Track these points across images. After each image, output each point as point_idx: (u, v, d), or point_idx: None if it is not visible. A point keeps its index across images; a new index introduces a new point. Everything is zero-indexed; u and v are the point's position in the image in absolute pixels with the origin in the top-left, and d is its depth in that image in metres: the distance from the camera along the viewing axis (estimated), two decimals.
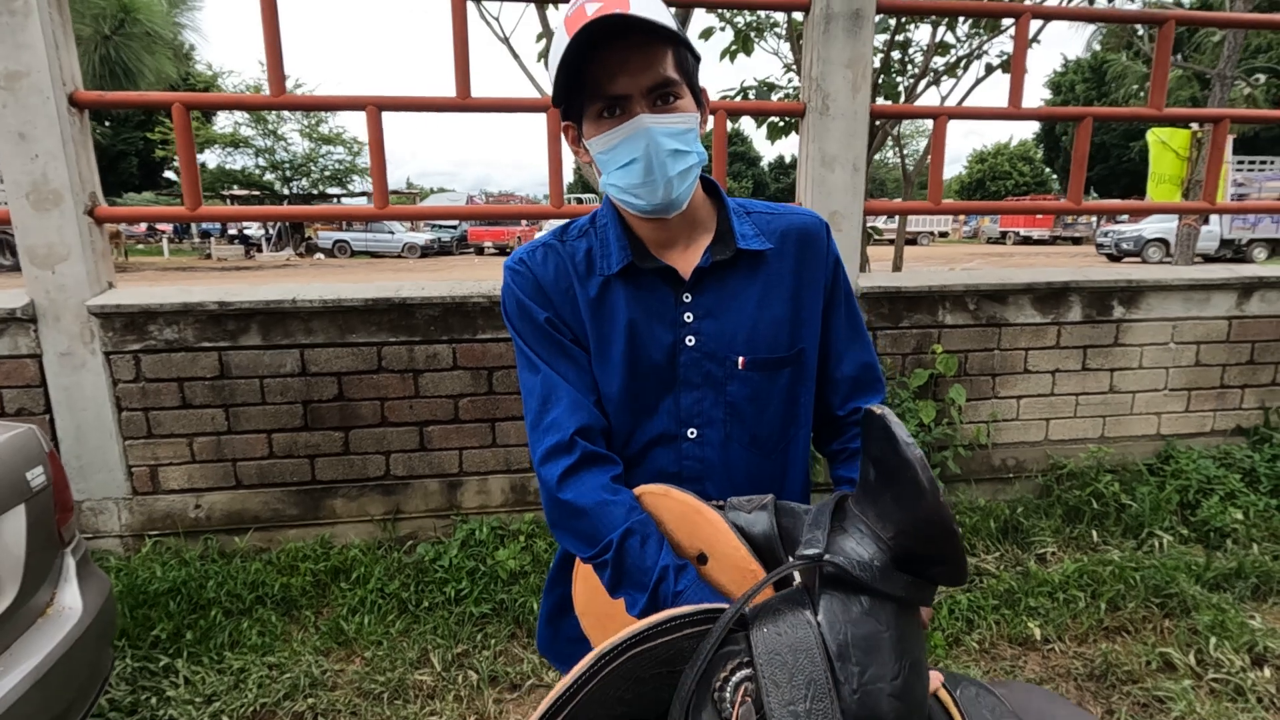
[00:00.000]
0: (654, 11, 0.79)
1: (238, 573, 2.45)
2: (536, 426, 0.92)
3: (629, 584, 0.82)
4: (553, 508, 0.90)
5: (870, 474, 0.64)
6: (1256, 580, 2.46)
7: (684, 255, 0.95)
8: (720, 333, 0.94)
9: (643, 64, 0.82)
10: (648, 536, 0.83)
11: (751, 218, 0.98)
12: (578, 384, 0.93)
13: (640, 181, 0.86)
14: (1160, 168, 4.17)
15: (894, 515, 0.60)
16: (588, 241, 0.97)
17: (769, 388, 0.96)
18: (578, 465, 0.88)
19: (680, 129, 0.85)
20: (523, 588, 2.41)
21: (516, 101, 2.63)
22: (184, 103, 2.36)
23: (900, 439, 0.57)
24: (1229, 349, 3.10)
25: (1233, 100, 8.50)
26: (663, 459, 0.96)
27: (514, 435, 2.69)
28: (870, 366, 1.04)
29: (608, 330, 0.94)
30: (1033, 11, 2.83)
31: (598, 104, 0.84)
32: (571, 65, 0.81)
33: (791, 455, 1.01)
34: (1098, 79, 31.04)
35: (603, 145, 0.86)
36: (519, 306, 0.94)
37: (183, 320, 2.44)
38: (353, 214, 5.00)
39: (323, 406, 2.57)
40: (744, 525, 0.78)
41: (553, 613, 1.10)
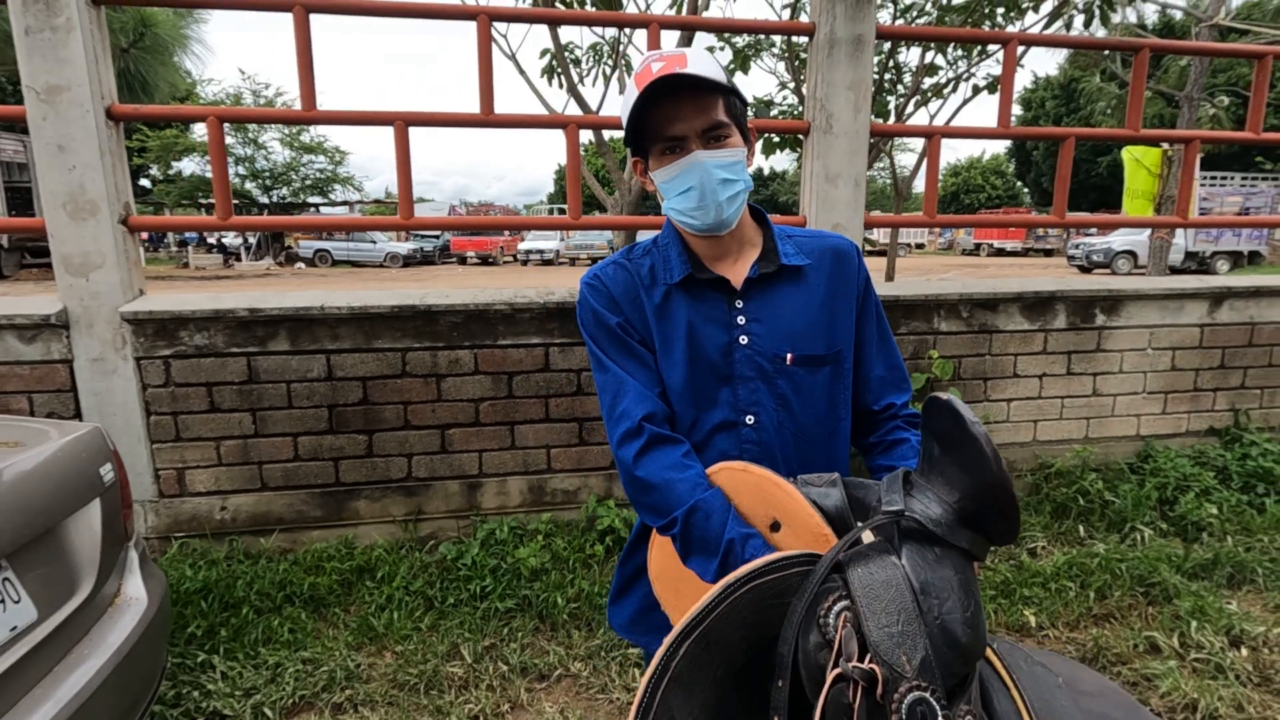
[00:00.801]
0: (707, 68, 0.98)
1: (265, 572, 2.51)
2: (610, 417, 1.07)
3: (698, 552, 0.95)
4: (629, 484, 1.03)
5: (934, 450, 0.75)
6: (1231, 569, 2.64)
7: (734, 268, 1.11)
8: (769, 333, 1.09)
9: (697, 111, 1.00)
10: (712, 511, 0.94)
11: (792, 239, 1.14)
12: (644, 379, 1.08)
13: (696, 205, 1.04)
14: (1135, 184, 4.42)
15: (960, 482, 0.71)
16: (651, 259, 1.14)
17: (812, 382, 1.10)
18: (647, 446, 1.02)
19: (729, 161, 1.03)
20: (544, 584, 2.50)
21: (536, 118, 2.75)
22: (218, 116, 2.45)
23: (967, 418, 0.68)
24: (1202, 354, 3.31)
25: (1199, 121, 8.90)
26: (725, 443, 1.09)
27: (531, 438, 2.79)
28: (897, 367, 1.19)
29: (670, 331, 1.09)
30: (1019, 39, 3.02)
31: (660, 143, 1.03)
32: (640, 114, 1.00)
33: (835, 446, 1.14)
34: (1067, 96, 31.98)
35: (664, 176, 1.05)
36: (594, 315, 1.10)
37: (213, 326, 2.51)
38: (379, 224, 5.05)
39: (347, 410, 2.65)
40: (816, 499, 0.87)
41: (622, 586, 1.22)
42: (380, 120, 2.56)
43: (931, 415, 0.74)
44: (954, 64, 5.15)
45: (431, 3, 2.57)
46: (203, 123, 2.45)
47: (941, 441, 0.73)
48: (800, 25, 2.88)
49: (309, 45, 2.47)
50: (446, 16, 2.63)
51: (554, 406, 2.77)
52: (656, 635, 1.16)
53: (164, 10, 6.88)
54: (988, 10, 4.63)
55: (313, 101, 2.51)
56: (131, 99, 7.41)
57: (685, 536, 0.95)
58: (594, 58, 4.99)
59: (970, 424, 0.68)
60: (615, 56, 4.91)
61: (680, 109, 1.00)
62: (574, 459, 2.83)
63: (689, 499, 0.96)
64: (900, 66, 5.23)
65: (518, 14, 2.84)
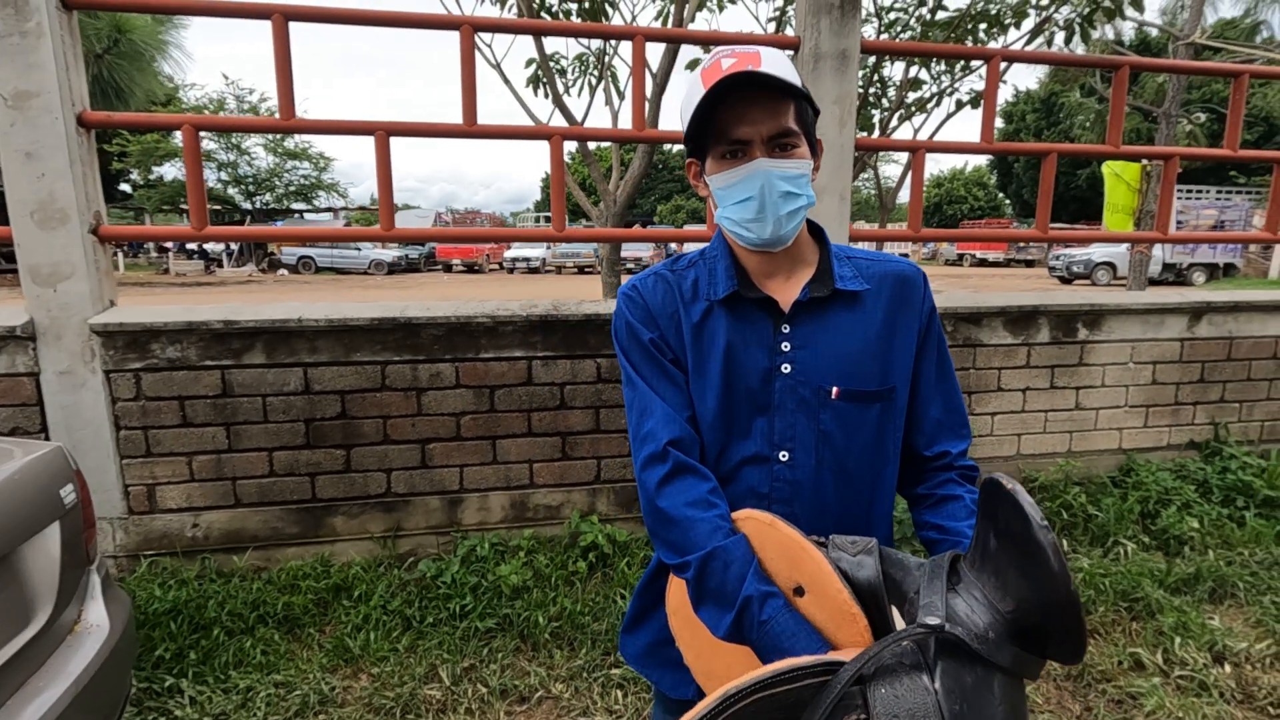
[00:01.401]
0: (781, 69, 0.90)
1: (238, 592, 2.44)
2: (635, 437, 1.00)
3: (712, 602, 0.88)
4: (650, 513, 0.96)
5: (990, 542, 0.66)
6: (1213, 584, 2.64)
7: (784, 288, 1.02)
8: (815, 363, 0.99)
9: (766, 114, 0.92)
10: (731, 561, 0.86)
11: (852, 262, 1.04)
12: (673, 401, 1.00)
13: (753, 217, 0.96)
14: (1115, 198, 4.47)
15: (1018, 589, 0.63)
16: (696, 272, 1.05)
17: (859, 419, 1.00)
18: (671, 475, 0.95)
19: (794, 173, 0.94)
20: (526, 602, 2.46)
21: (520, 129, 2.72)
22: (193, 124, 2.40)
23: (1035, 521, 0.60)
24: (1182, 368, 3.33)
25: (1176, 137, 9.07)
26: (754, 478, 1.01)
27: (514, 453, 2.75)
28: (957, 410, 1.08)
29: (707, 351, 1.00)
30: (1002, 55, 3.04)
31: (722, 146, 0.95)
32: (704, 112, 0.92)
33: (878, 491, 1.05)
34: (1047, 109, 32.52)
35: (722, 182, 0.96)
36: (628, 328, 1.03)
37: (186, 339, 2.45)
38: (358, 235, 4.97)
39: (325, 424, 2.59)
40: (847, 569, 0.78)
41: (637, 615, 1.16)
42: (361, 130, 2.52)
43: (991, 502, 0.65)
44: (938, 79, 5.21)
45: (414, 12, 2.54)
46: (181, 130, 2.41)
47: (1000, 536, 0.65)
48: (785, 39, 2.89)
49: (288, 53, 2.43)
50: (429, 26, 2.60)
51: (537, 420, 2.73)
52: (669, 671, 1.10)
53: (142, 16, 6.78)
54: (971, 27, 4.68)
55: (291, 110, 2.46)
56: (106, 105, 7.30)
57: (700, 584, 0.89)
58: (580, 68, 4.99)
59: (1038, 528, 0.60)
60: (600, 68, 4.90)
61: (748, 110, 0.91)
62: (557, 474, 2.79)
63: (707, 543, 0.89)
64: (885, 81, 5.28)
65: (502, 24, 2.82)
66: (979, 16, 4.65)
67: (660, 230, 3.20)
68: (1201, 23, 8.87)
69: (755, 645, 0.83)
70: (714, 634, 0.87)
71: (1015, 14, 4.61)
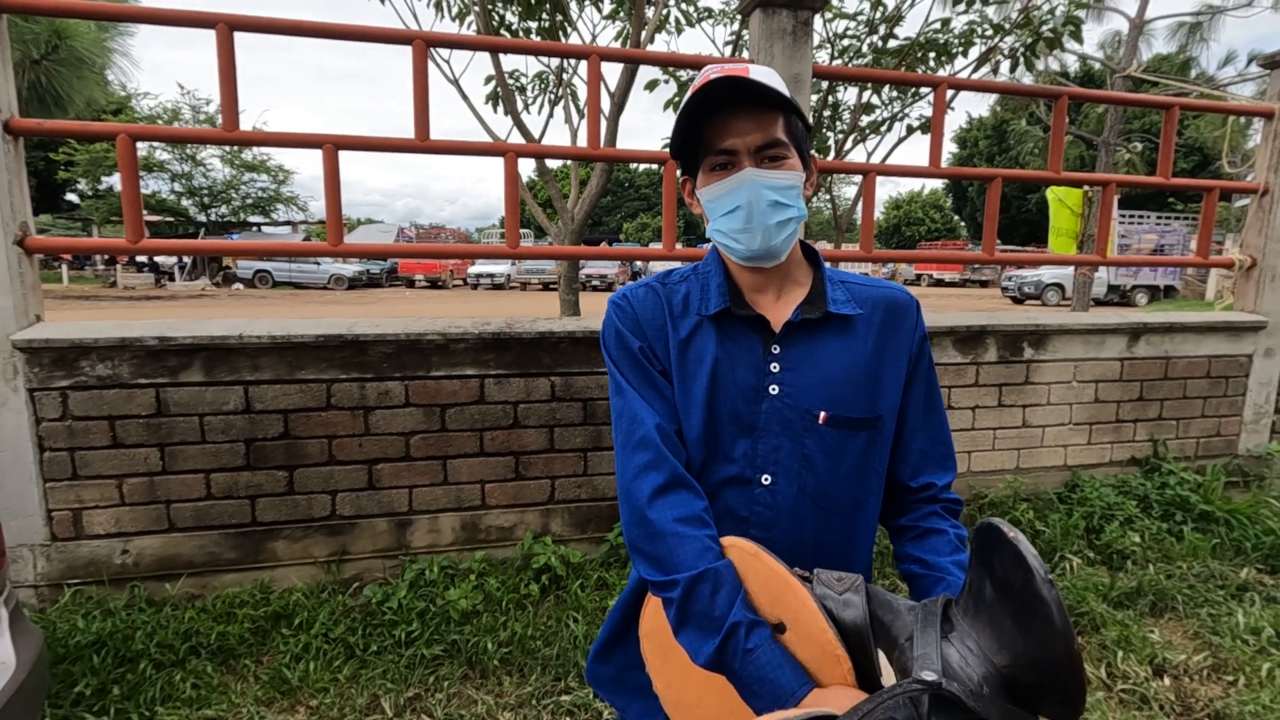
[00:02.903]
0: (769, 80, 0.89)
1: (169, 621, 2.32)
2: (626, 446, 0.96)
3: (696, 626, 0.84)
4: (636, 524, 0.92)
5: (986, 591, 0.63)
6: (1153, 597, 2.71)
7: (776, 307, 1.01)
8: (804, 386, 0.97)
9: (754, 125, 0.91)
10: (720, 585, 0.84)
11: (845, 286, 1.03)
12: (664, 412, 0.98)
13: (741, 228, 0.94)
14: (1059, 222, 4.65)
15: (1015, 644, 0.60)
16: (688, 286, 1.03)
17: (845, 447, 0.98)
18: (667, 486, 0.92)
19: (783, 184, 0.93)
20: (475, 627, 2.39)
21: (474, 145, 2.69)
22: (130, 134, 2.31)
23: (1038, 574, 0.57)
24: (1122, 387, 3.45)
25: (1115, 164, 9.49)
26: (734, 500, 0.99)
27: (465, 473, 2.69)
28: (943, 442, 1.06)
29: (693, 369, 0.98)
30: (949, 83, 3.14)
31: (711, 158, 0.94)
32: (693, 121, 0.92)
33: (860, 522, 1.02)
34: (998, 136, 33.77)
35: (711, 194, 0.96)
36: (617, 336, 1.01)
37: (118, 356, 2.34)
38: (305, 250, 4.83)
39: (267, 445, 2.50)
40: (833, 607, 0.76)
41: (612, 639, 1.11)
42: (309, 143, 2.47)
43: (988, 549, 0.63)
44: (889, 104, 5.36)
45: (366, 26, 2.50)
46: (131, 140, 2.32)
47: (997, 585, 0.62)
48: (740, 62, 2.93)
49: (232, 63, 2.37)
50: (382, 40, 2.56)
51: (489, 440, 2.68)
52: (636, 699, 1.06)
53: (85, 22, 6.59)
54: (920, 54, 4.84)
55: (235, 121, 2.40)
56: (44, 113, 7.02)
57: (684, 606, 0.85)
58: (539, 86, 4.99)
59: (1041, 582, 0.57)
60: (559, 85, 4.92)
61: (735, 121, 0.91)
62: (510, 494, 2.73)
63: (697, 564, 0.85)
64: (839, 104, 5.41)
65: (457, 40, 2.80)
66: (928, 45, 4.81)
67: (614, 249, 3.19)
68: (1138, 57, 9.34)
69: (737, 675, 0.80)
70: (694, 660, 0.84)
71: (963, 43, 4.78)
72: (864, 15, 5.01)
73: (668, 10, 4.90)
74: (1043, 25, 4.77)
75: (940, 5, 4.78)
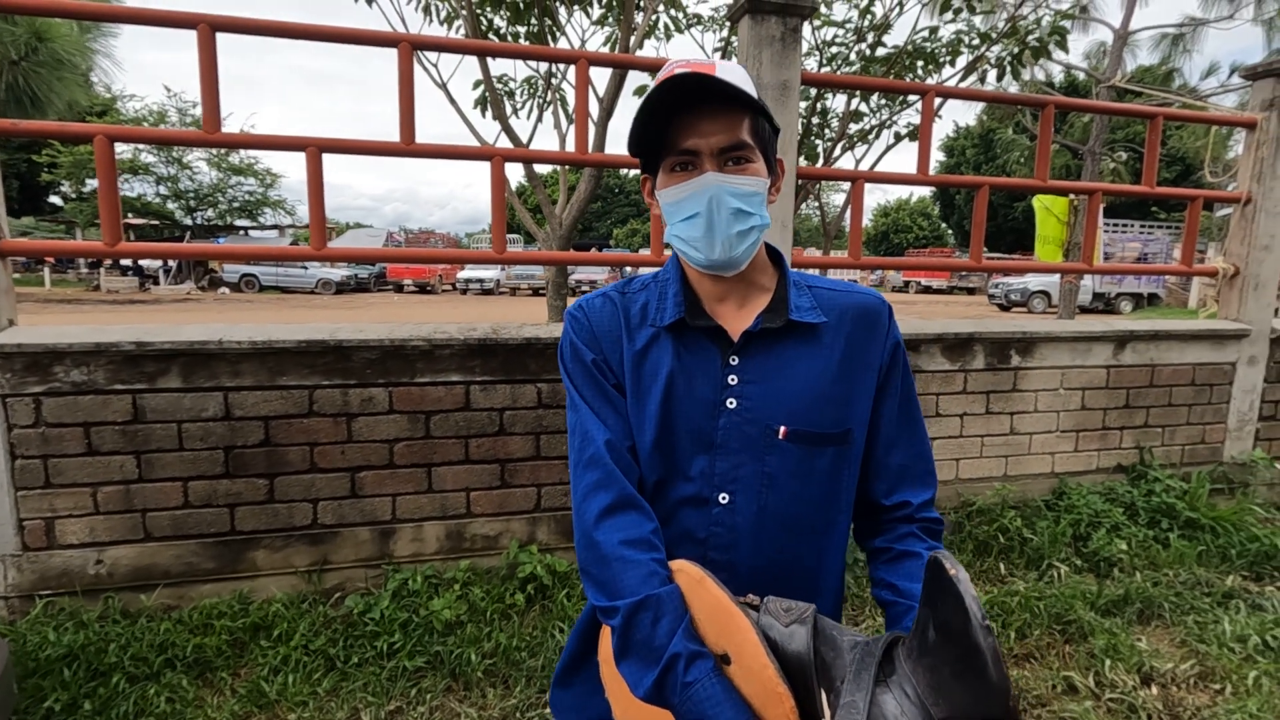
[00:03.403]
0: (736, 79, 0.84)
1: (144, 634, 2.27)
2: (577, 463, 0.93)
3: (635, 657, 0.80)
4: (585, 546, 0.88)
5: (930, 634, 0.61)
6: (1140, 605, 2.71)
7: (736, 315, 0.95)
8: (764, 399, 0.92)
9: (718, 125, 0.86)
10: (662, 614, 0.80)
11: (812, 291, 0.98)
12: (616, 428, 0.93)
13: (700, 235, 0.89)
14: (1045, 230, 4.68)
15: (952, 697, 0.57)
16: (647, 295, 0.99)
17: (810, 464, 0.92)
18: (615, 507, 0.88)
19: (746, 190, 0.88)
20: (459, 638, 2.35)
21: (460, 149, 2.67)
22: (108, 135, 2.27)
23: (975, 619, 0.54)
24: (1108, 394, 3.46)
25: (1100, 173, 9.60)
26: (690, 521, 0.94)
27: (450, 480, 2.65)
28: (922, 457, 1.00)
29: (648, 382, 0.94)
30: (937, 91, 3.15)
31: (672, 157, 0.89)
32: (653, 118, 0.86)
33: (829, 543, 0.97)
34: (985, 145, 34.10)
35: (671, 197, 0.91)
36: (572, 349, 0.97)
37: (94, 361, 2.29)
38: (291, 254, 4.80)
39: (247, 452, 2.45)
40: (778, 639, 0.73)
41: (571, 664, 1.06)
42: (291, 145, 2.43)
43: (931, 588, 0.60)
44: (877, 112, 5.39)
45: (351, 28, 2.47)
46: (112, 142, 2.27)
47: (939, 629, 0.59)
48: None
49: (214, 64, 2.33)
50: (367, 42, 2.53)
51: (474, 447, 2.65)
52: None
53: (66, 23, 6.50)
54: (908, 63, 4.87)
55: (217, 123, 2.36)
56: (21, 115, 6.93)
57: (625, 634, 0.81)
58: (528, 91, 4.97)
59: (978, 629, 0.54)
60: (548, 90, 4.90)
61: (698, 120, 0.86)
62: (495, 502, 2.70)
63: (640, 590, 0.81)
64: (827, 112, 5.43)
65: (444, 44, 2.78)
66: (916, 54, 4.84)
67: (602, 254, 3.18)
68: (1122, 68, 9.46)
69: (676, 709, 0.76)
70: (634, 693, 0.80)
71: (950, 51, 4.81)
72: (852, 23, 5.03)
73: (657, 16, 4.91)
74: (1029, 35, 4.81)
75: (928, 14, 4.82)
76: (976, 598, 0.55)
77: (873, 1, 4.81)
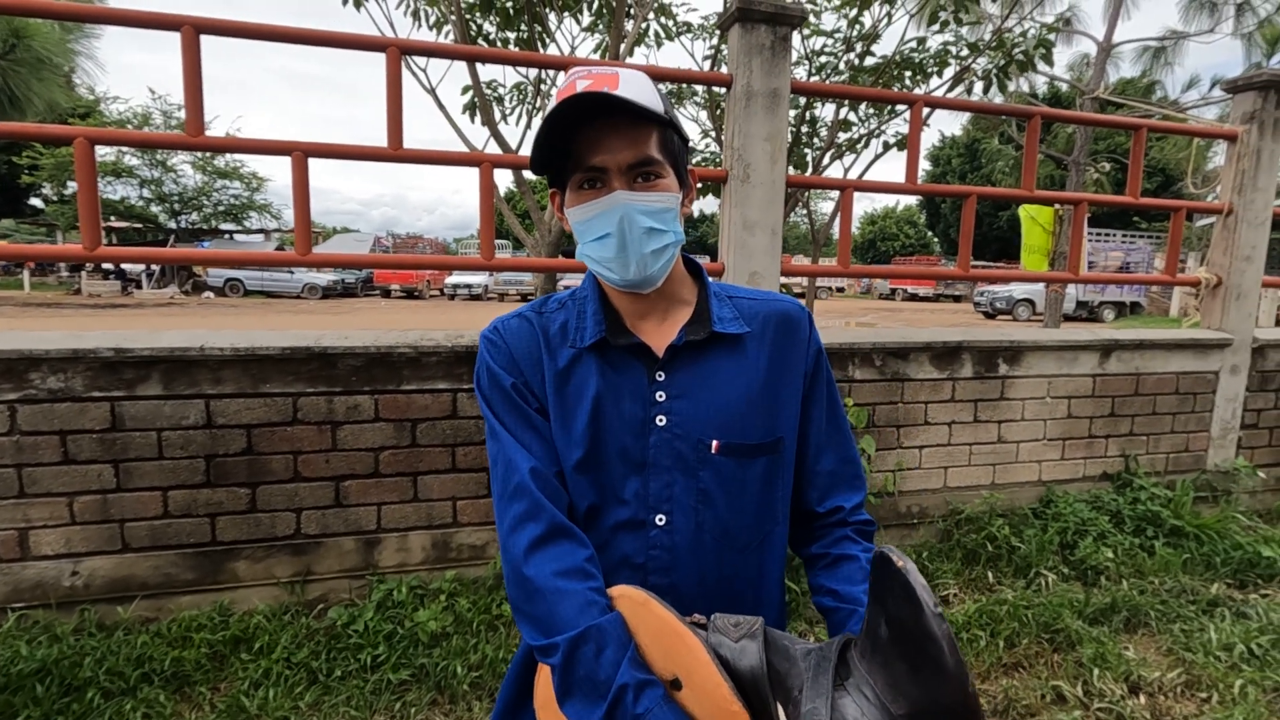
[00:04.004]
0: (640, 93, 0.81)
1: (120, 647, 2.21)
2: (502, 495, 0.88)
3: (579, 695, 0.76)
4: (515, 584, 0.83)
5: (881, 631, 0.60)
6: (1127, 613, 2.72)
7: (659, 331, 0.93)
8: (693, 414, 0.90)
9: (625, 142, 0.83)
10: (604, 645, 0.76)
11: (733, 302, 0.97)
12: (541, 455, 0.89)
13: (613, 255, 0.87)
14: (1031, 239, 4.72)
15: (910, 692, 0.56)
16: (565, 314, 0.95)
17: (743, 476, 0.91)
18: (545, 538, 0.83)
19: (657, 208, 0.86)
20: (444, 650, 2.31)
21: (448, 155, 2.64)
22: (88, 138, 2.23)
23: (926, 606, 0.53)
24: (1094, 403, 3.48)
25: (1084, 184, 9.73)
26: (628, 545, 0.91)
27: (436, 489, 2.62)
28: (851, 461, 1.00)
29: (573, 404, 0.90)
30: (925, 101, 3.16)
31: (579, 174, 0.86)
32: (555, 134, 0.83)
33: (767, 554, 0.96)
34: (970, 154, 34.50)
35: (579, 216, 0.87)
36: (490, 374, 0.93)
37: (71, 368, 2.24)
38: (275, 259, 4.71)
39: (228, 461, 2.41)
40: (729, 656, 0.71)
41: (503, 715, 1.00)
42: (277, 149, 2.40)
43: (880, 581, 0.59)
44: (865, 121, 5.43)
45: (339, 32, 2.45)
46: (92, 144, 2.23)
47: (891, 624, 0.58)
48: (719, 76, 2.92)
49: (198, 66, 2.30)
50: (355, 46, 2.51)
51: (461, 456, 2.61)
52: None
53: (46, 22, 6.39)
54: (896, 73, 4.91)
55: (200, 126, 2.32)
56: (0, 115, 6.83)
57: (567, 671, 0.76)
58: (518, 97, 4.96)
59: (930, 617, 0.53)
60: (538, 96, 4.89)
61: (604, 136, 0.82)
62: (482, 511, 2.66)
63: (578, 621, 0.77)
64: (816, 120, 5.47)
65: (433, 48, 2.76)
66: (904, 64, 4.88)
67: (580, 261, 3.14)
68: (1105, 80, 9.60)
69: None
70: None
71: (937, 62, 4.86)
72: (841, 33, 5.07)
73: (647, 24, 4.92)
74: (1015, 48, 4.87)
75: (916, 25, 4.87)
76: (926, 585, 0.54)
77: (861, 12, 4.85)
